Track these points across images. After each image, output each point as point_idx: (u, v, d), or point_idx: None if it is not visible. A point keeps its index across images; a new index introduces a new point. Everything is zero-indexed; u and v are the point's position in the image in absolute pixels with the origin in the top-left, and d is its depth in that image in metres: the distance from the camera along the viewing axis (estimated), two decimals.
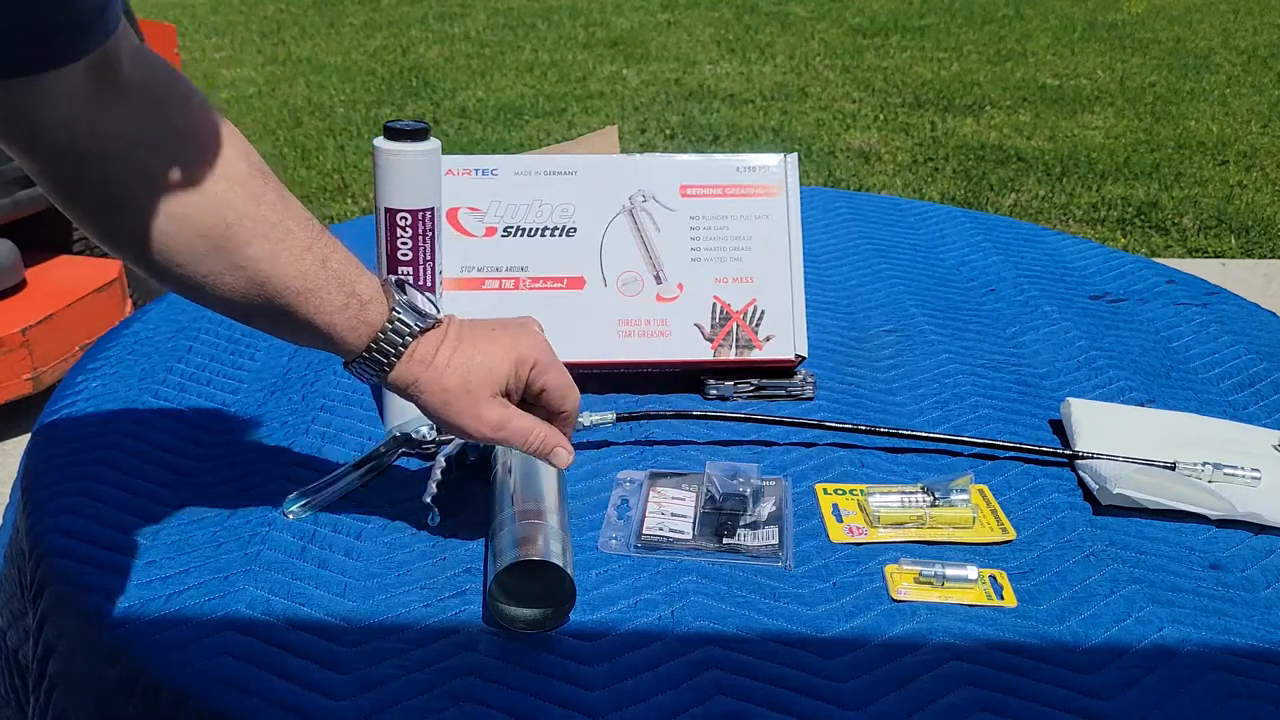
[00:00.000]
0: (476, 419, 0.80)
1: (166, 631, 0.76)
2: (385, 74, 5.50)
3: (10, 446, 2.53)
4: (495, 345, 0.81)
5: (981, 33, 6.36)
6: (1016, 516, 0.92)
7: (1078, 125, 4.85)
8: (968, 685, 0.74)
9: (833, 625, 0.79)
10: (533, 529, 0.79)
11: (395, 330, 0.78)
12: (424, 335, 0.79)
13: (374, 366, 0.79)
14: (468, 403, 0.80)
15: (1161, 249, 3.73)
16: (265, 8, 6.83)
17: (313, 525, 0.88)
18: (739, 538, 0.87)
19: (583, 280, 1.09)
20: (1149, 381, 1.15)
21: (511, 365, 0.81)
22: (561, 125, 4.78)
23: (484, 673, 0.73)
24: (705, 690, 0.73)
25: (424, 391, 0.79)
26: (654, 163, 1.12)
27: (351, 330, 0.77)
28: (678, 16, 6.73)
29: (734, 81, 5.43)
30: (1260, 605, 0.83)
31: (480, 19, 6.60)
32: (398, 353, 0.78)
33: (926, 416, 1.07)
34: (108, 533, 0.86)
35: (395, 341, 0.78)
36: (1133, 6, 6.95)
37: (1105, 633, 0.79)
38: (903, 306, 1.30)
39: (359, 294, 0.77)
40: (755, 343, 1.09)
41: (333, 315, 0.76)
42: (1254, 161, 4.46)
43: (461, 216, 1.09)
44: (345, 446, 0.99)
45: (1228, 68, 5.72)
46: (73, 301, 2.54)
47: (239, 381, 1.10)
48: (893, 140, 4.65)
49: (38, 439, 1.00)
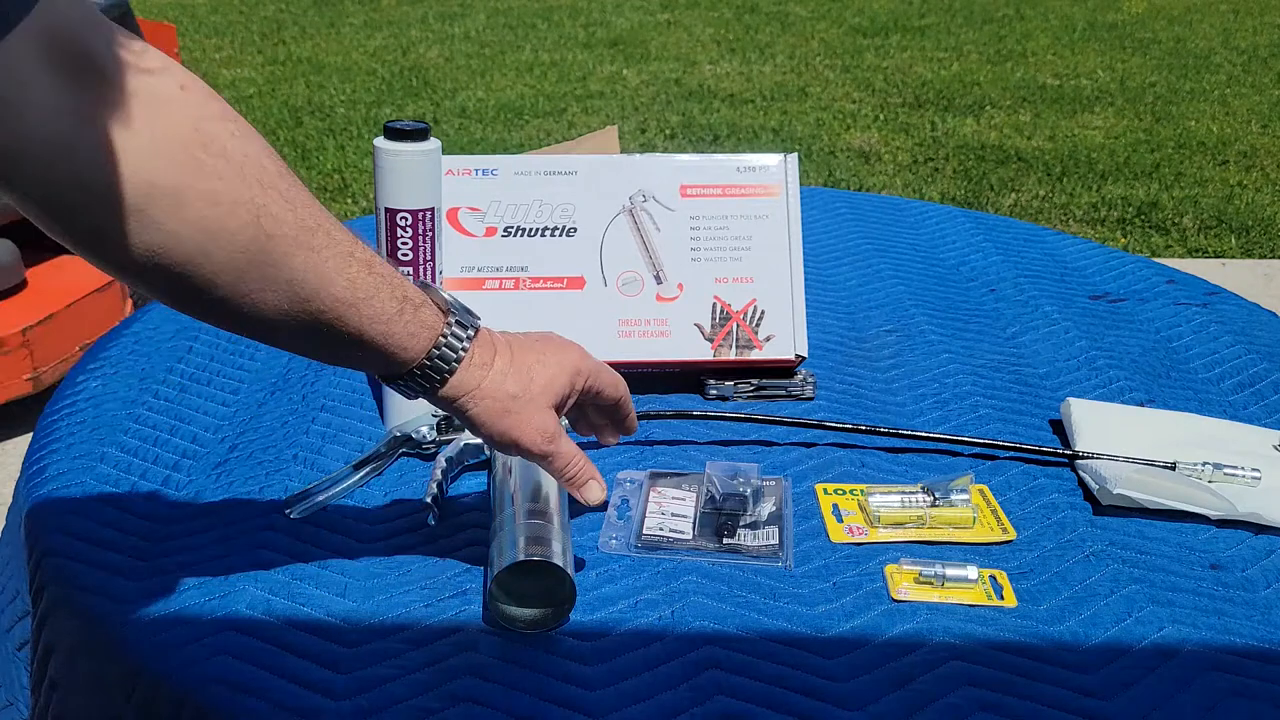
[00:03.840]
0: (532, 428, 0.76)
1: (166, 631, 0.76)
2: (385, 74, 5.50)
3: (10, 446, 2.53)
4: (551, 356, 0.77)
5: (981, 33, 6.36)
6: (1016, 516, 0.92)
7: (1078, 125, 4.85)
8: (968, 685, 0.74)
9: (833, 625, 0.79)
10: (533, 529, 0.79)
11: (453, 333, 0.72)
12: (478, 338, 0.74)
13: (433, 375, 0.72)
14: (530, 411, 0.75)
15: (1161, 249, 3.73)
16: (265, 8, 6.83)
17: (313, 525, 0.88)
18: (739, 538, 0.87)
19: (583, 280, 1.09)
20: (1149, 381, 1.15)
21: (569, 378, 0.78)
22: (561, 125, 4.78)
23: (484, 673, 0.73)
24: (705, 690, 0.73)
25: (485, 397, 0.74)
26: (654, 163, 1.12)
27: (410, 337, 0.70)
28: (678, 16, 6.73)
29: (734, 81, 5.43)
30: (1260, 605, 0.83)
31: (480, 19, 6.60)
32: (459, 358, 0.72)
33: (926, 416, 1.07)
34: (108, 533, 0.86)
35: (455, 346, 0.72)
36: (1133, 6, 6.95)
37: (1105, 633, 0.79)
38: (903, 306, 1.30)
39: (410, 298, 0.71)
40: (755, 343, 1.09)
41: (388, 324, 0.69)
42: (1254, 161, 4.46)
43: (461, 216, 1.09)
44: (345, 446, 0.99)
45: (1228, 68, 5.72)
46: (73, 301, 2.54)
47: (239, 381, 1.10)
48: (893, 140, 4.65)
49: (38, 439, 1.00)
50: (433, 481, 0.89)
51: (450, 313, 0.73)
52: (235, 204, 0.63)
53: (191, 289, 0.64)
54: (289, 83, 5.36)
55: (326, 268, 0.66)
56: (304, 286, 0.66)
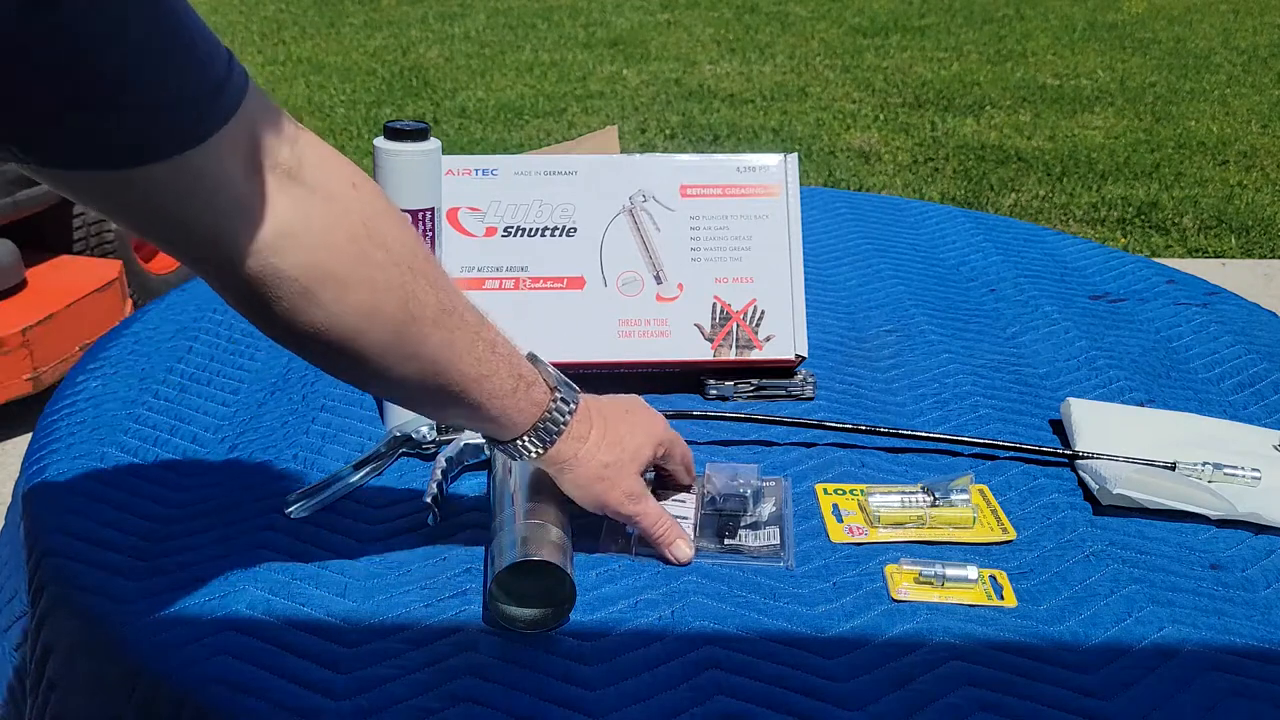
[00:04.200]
0: (620, 491, 0.83)
1: (166, 631, 0.76)
2: (385, 74, 5.50)
3: (10, 446, 2.53)
4: (638, 427, 0.85)
5: (981, 33, 6.36)
6: (1016, 516, 0.92)
7: (1078, 125, 4.85)
8: (968, 685, 0.74)
9: (833, 625, 0.79)
10: (533, 529, 0.79)
11: (558, 409, 0.79)
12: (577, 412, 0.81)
13: (535, 444, 0.79)
14: (619, 477, 0.83)
15: (1161, 249, 3.73)
16: (265, 8, 6.83)
17: (313, 525, 0.87)
18: (741, 538, 0.87)
19: (583, 280, 1.09)
20: (1149, 381, 1.15)
21: (653, 449, 0.86)
22: (561, 125, 4.78)
23: (484, 673, 0.73)
24: (705, 690, 0.73)
25: (580, 465, 0.81)
26: (654, 163, 1.12)
27: (520, 412, 0.78)
28: (678, 16, 6.73)
29: (734, 81, 5.43)
30: (1260, 605, 0.83)
31: (480, 19, 6.60)
32: (559, 430, 0.80)
33: (926, 416, 1.07)
34: (108, 533, 0.86)
35: (559, 420, 0.79)
36: (1133, 6, 6.95)
37: (1105, 633, 0.79)
38: (903, 306, 1.30)
39: (524, 375, 0.78)
40: (755, 343, 1.09)
41: (504, 399, 0.76)
42: (1254, 161, 4.46)
43: (461, 216, 1.09)
44: (345, 446, 0.99)
45: (1228, 68, 5.72)
46: (73, 301, 2.54)
47: (239, 381, 1.10)
48: (893, 140, 4.65)
49: (38, 439, 1.00)
50: (433, 481, 0.89)
51: (556, 389, 0.80)
52: (390, 289, 0.70)
53: (344, 361, 0.71)
54: (289, 83, 5.36)
55: (458, 347, 0.74)
56: (436, 362, 0.73)
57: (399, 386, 0.74)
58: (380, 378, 0.73)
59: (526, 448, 0.80)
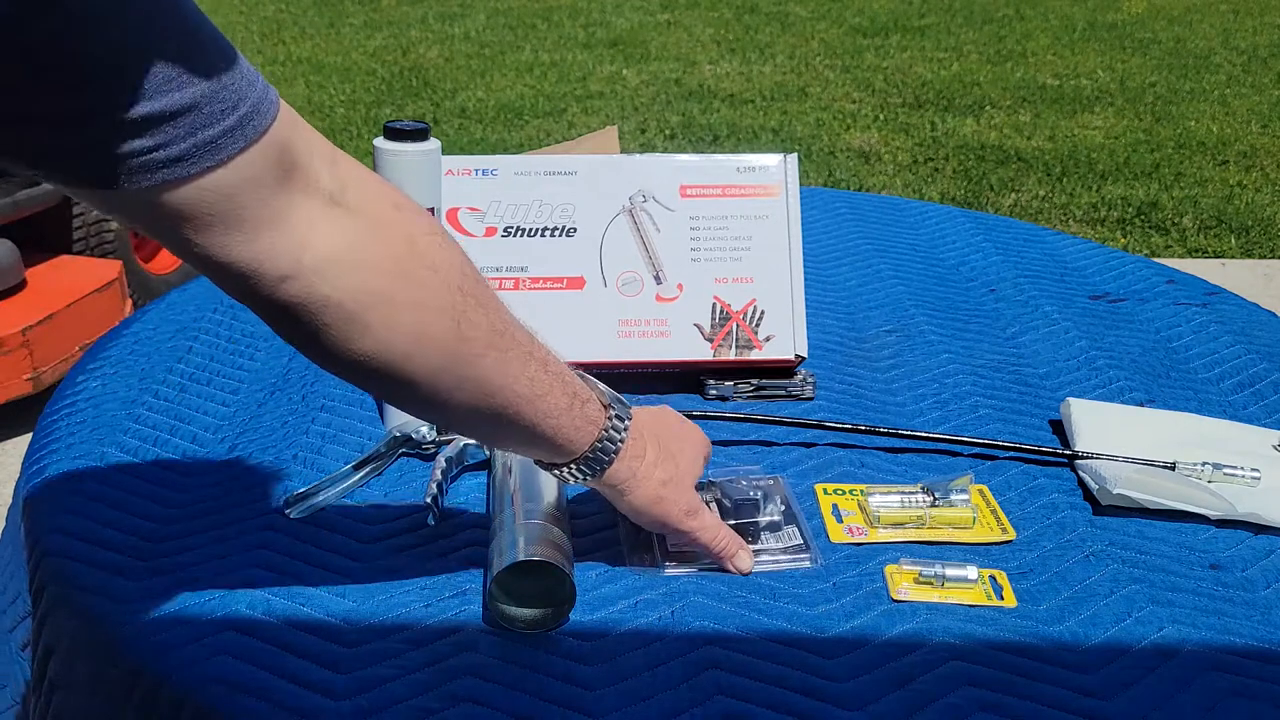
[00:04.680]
0: (679, 509, 0.81)
1: (166, 631, 0.76)
2: (385, 74, 5.50)
3: (10, 446, 2.53)
4: (689, 444, 0.85)
5: (981, 33, 6.36)
6: (1016, 516, 0.92)
7: (1078, 125, 4.85)
8: (968, 685, 0.74)
9: (833, 625, 0.79)
10: (532, 529, 0.79)
11: (614, 426, 0.78)
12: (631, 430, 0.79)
13: (593, 465, 0.78)
14: (678, 495, 0.81)
15: (1161, 249, 3.73)
16: (265, 8, 6.83)
17: (313, 525, 0.88)
18: (763, 541, 0.87)
19: (583, 280, 1.09)
20: (1149, 381, 1.15)
21: (703, 461, 0.86)
22: (561, 125, 4.78)
23: (484, 673, 0.73)
24: (705, 690, 0.73)
25: (639, 485, 0.79)
26: (654, 163, 1.12)
27: (576, 431, 0.76)
28: (678, 16, 6.73)
29: (734, 81, 5.43)
30: (1260, 605, 0.83)
31: (480, 19, 6.60)
32: (617, 449, 0.78)
33: (926, 416, 1.07)
34: (108, 533, 0.86)
35: (615, 439, 0.78)
36: (1133, 6, 6.95)
37: (1105, 633, 0.79)
38: (903, 306, 1.30)
39: (578, 394, 0.76)
40: (755, 343, 1.09)
41: (559, 418, 0.75)
42: (1254, 161, 4.46)
43: (461, 216, 1.09)
44: (345, 446, 0.99)
45: (1228, 68, 5.72)
46: (73, 301, 2.54)
47: (239, 381, 1.10)
48: (893, 140, 4.65)
49: (38, 439, 1.00)
50: (433, 481, 0.89)
51: (610, 407, 0.78)
52: (439, 311, 0.68)
53: (396, 386, 0.69)
54: (289, 83, 5.36)
55: (511, 367, 0.72)
56: (489, 384, 0.71)
57: (453, 411, 0.72)
58: (432, 402, 0.71)
59: (584, 469, 0.78)
